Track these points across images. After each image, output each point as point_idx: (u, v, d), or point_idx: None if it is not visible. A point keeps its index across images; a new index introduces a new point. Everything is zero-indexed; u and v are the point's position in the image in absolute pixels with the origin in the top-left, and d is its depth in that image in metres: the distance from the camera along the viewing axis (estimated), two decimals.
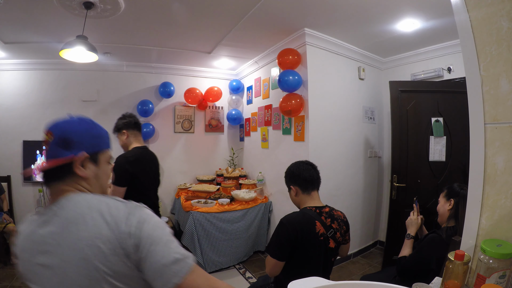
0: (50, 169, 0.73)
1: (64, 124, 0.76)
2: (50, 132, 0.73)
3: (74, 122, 0.78)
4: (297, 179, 1.52)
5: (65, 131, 0.74)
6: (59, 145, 0.73)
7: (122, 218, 0.68)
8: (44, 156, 0.75)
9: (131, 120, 2.00)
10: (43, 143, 0.76)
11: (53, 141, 0.73)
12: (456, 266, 0.81)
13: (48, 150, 0.73)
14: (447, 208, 1.59)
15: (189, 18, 2.52)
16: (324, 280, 0.56)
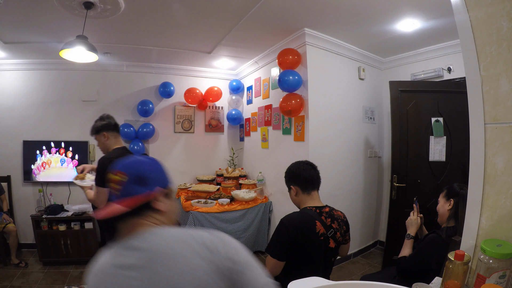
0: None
1: (134, 164, 0.79)
2: (121, 172, 0.76)
3: (142, 161, 0.81)
4: (297, 179, 1.52)
5: (138, 170, 0.78)
6: (135, 183, 0.76)
7: (218, 247, 0.71)
8: (115, 196, 0.76)
9: (111, 122, 1.99)
10: (111, 184, 0.77)
11: (127, 180, 0.75)
12: (456, 266, 0.81)
13: (121, 189, 0.75)
14: (447, 208, 1.59)
15: (189, 18, 2.52)
16: (324, 280, 0.56)
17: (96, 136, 1.98)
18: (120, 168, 0.77)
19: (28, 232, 3.39)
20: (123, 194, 0.75)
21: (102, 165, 1.82)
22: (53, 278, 2.87)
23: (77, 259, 3.20)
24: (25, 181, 3.53)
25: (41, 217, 3.13)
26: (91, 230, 3.25)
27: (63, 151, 3.59)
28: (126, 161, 0.80)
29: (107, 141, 1.96)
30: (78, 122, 3.70)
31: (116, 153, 1.92)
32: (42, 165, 3.53)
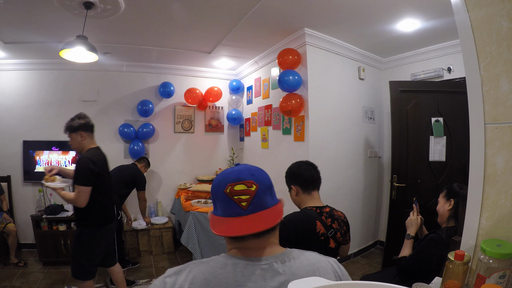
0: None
1: (259, 171, 0.73)
2: (250, 181, 0.68)
3: (258, 169, 0.75)
4: (297, 178, 1.52)
5: (266, 178, 0.72)
6: (267, 193, 0.70)
7: (343, 276, 0.71)
8: (240, 208, 0.67)
9: (88, 122, 2.01)
10: (236, 196, 0.67)
11: (260, 189, 0.68)
12: (456, 266, 0.81)
13: (253, 201, 0.67)
14: (447, 208, 1.59)
15: (189, 18, 2.52)
16: (324, 280, 0.56)
17: (71, 134, 1.98)
18: (248, 177, 0.69)
19: (28, 232, 3.39)
20: (255, 207, 0.67)
21: (84, 165, 1.84)
22: (53, 278, 2.87)
23: None
24: (25, 181, 3.53)
25: (41, 217, 3.13)
26: None
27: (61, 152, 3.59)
28: (248, 168, 0.72)
29: (83, 141, 1.97)
30: None
31: (95, 153, 1.95)
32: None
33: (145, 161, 3.41)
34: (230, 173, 0.71)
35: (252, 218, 0.67)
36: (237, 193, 0.68)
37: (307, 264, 0.68)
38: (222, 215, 0.69)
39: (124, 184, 2.99)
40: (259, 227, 0.65)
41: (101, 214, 1.98)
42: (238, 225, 0.66)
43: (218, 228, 0.67)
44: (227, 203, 0.68)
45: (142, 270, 3.17)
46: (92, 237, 1.97)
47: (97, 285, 2.78)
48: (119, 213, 2.87)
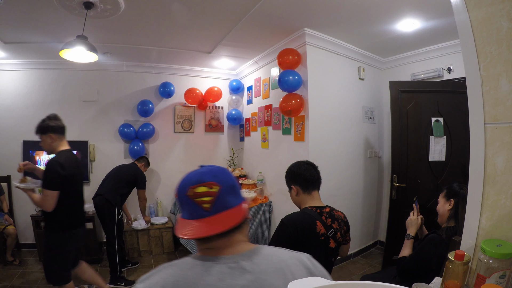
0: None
1: (222, 172, 0.72)
2: (212, 182, 0.68)
3: (224, 169, 0.75)
4: (298, 178, 1.52)
5: (229, 179, 0.72)
6: (230, 193, 0.70)
7: (315, 270, 0.73)
8: (203, 210, 0.68)
9: (59, 124, 1.98)
10: (198, 198, 0.68)
11: (222, 190, 0.69)
12: (456, 266, 0.81)
13: (215, 202, 0.68)
14: (447, 208, 1.59)
15: (189, 18, 2.52)
16: (324, 280, 0.56)
17: (42, 135, 1.95)
18: (210, 178, 0.69)
19: (28, 232, 3.39)
20: (218, 208, 0.68)
21: (52, 168, 1.81)
22: None
23: None
24: None
25: (41, 217, 3.13)
26: (91, 230, 3.25)
27: None
28: (211, 169, 0.72)
29: (53, 143, 1.94)
30: (78, 122, 3.70)
31: (64, 155, 1.92)
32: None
33: (145, 160, 3.42)
34: (192, 176, 0.71)
35: (215, 219, 0.67)
36: (199, 195, 0.68)
37: (277, 261, 0.69)
38: (187, 217, 0.70)
39: (125, 183, 2.99)
40: (221, 228, 0.66)
41: (69, 218, 1.95)
42: (202, 227, 0.66)
43: (182, 231, 0.68)
44: (191, 206, 0.69)
45: (142, 270, 3.17)
46: (61, 242, 1.94)
47: None
48: (120, 212, 2.87)
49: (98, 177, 3.74)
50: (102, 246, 3.57)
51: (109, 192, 2.84)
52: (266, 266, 0.67)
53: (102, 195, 2.82)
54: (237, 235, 0.72)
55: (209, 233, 0.66)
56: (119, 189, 2.92)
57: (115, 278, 2.76)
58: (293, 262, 0.71)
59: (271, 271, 0.67)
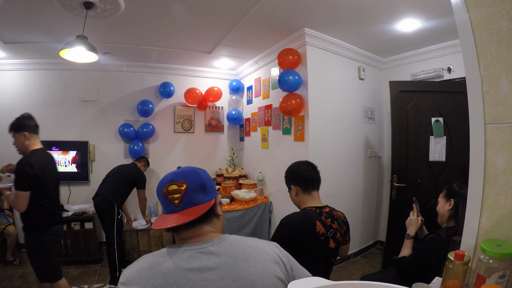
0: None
1: (192, 173, 0.81)
2: (181, 181, 0.78)
3: (196, 169, 0.84)
4: (297, 179, 1.52)
5: (198, 178, 0.80)
6: (198, 191, 0.79)
7: (276, 249, 0.82)
8: (173, 205, 0.77)
9: (32, 123, 1.97)
10: (170, 195, 0.77)
11: (190, 188, 0.77)
12: (456, 266, 0.81)
13: (183, 199, 0.77)
14: (447, 208, 1.59)
15: (189, 18, 2.52)
16: (324, 280, 0.56)
17: (15, 134, 1.93)
18: (180, 178, 0.78)
19: None
20: (186, 204, 0.77)
21: (21, 168, 1.81)
22: None
23: (77, 259, 3.20)
24: None
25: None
26: (91, 230, 3.25)
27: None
28: (182, 170, 0.81)
29: (26, 141, 1.93)
30: (78, 122, 3.70)
31: (35, 155, 1.91)
32: None
33: (144, 160, 3.41)
34: (167, 176, 0.81)
35: (183, 213, 0.76)
36: (171, 193, 0.78)
37: (244, 247, 0.78)
38: (164, 213, 0.80)
39: (125, 183, 2.99)
40: (184, 220, 0.74)
41: (45, 217, 1.94)
42: (170, 219, 0.75)
43: (156, 223, 0.77)
44: (165, 202, 0.79)
45: None
46: (43, 242, 1.93)
47: (97, 285, 2.78)
48: (120, 212, 2.87)
49: (98, 177, 3.74)
50: (102, 246, 3.57)
51: (109, 192, 2.84)
52: (233, 251, 0.76)
53: (102, 195, 2.82)
54: (206, 226, 0.80)
55: (174, 224, 0.74)
56: (119, 189, 2.92)
57: (115, 278, 2.76)
58: (261, 247, 0.80)
59: (237, 255, 0.75)
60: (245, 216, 3.23)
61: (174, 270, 0.71)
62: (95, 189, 2.99)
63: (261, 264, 0.76)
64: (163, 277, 0.70)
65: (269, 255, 0.79)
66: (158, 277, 0.70)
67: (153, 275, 0.70)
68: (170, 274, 0.70)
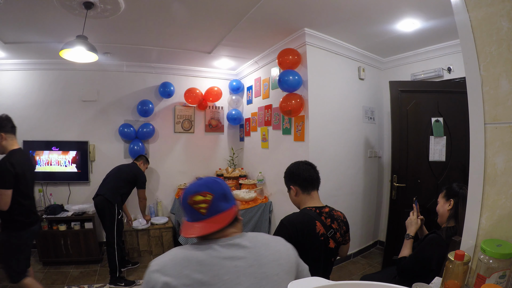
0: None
1: (214, 183, 0.90)
2: (206, 192, 0.87)
3: (217, 180, 0.93)
4: (297, 179, 1.52)
5: (220, 188, 0.90)
6: (221, 200, 0.88)
7: (283, 242, 0.96)
8: (200, 214, 0.86)
9: (9, 124, 1.99)
10: (196, 205, 0.86)
11: (215, 198, 0.87)
12: (456, 266, 0.81)
13: (209, 208, 0.86)
14: (447, 209, 1.59)
15: (189, 18, 2.52)
16: (324, 280, 0.56)
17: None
18: (204, 189, 0.87)
19: None
20: (211, 212, 0.86)
21: (3, 167, 1.84)
22: (53, 278, 2.87)
23: (77, 259, 3.20)
24: None
25: (41, 217, 3.13)
26: (91, 230, 3.25)
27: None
28: (205, 181, 0.90)
29: (3, 142, 1.95)
30: (78, 122, 3.70)
31: (15, 154, 1.94)
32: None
33: (143, 158, 3.41)
34: (191, 187, 0.89)
35: (211, 220, 0.86)
36: (197, 203, 0.86)
37: (262, 239, 0.91)
38: (189, 220, 0.89)
39: (125, 183, 2.99)
40: (216, 227, 0.85)
41: (26, 216, 1.98)
42: (200, 228, 0.85)
43: (187, 232, 0.86)
44: (191, 211, 0.88)
45: (142, 270, 3.17)
46: (21, 240, 1.97)
47: (97, 285, 2.78)
48: (120, 212, 2.87)
49: (98, 177, 3.74)
50: (102, 246, 3.57)
51: (110, 192, 2.84)
52: (255, 243, 0.88)
53: (102, 195, 2.82)
54: (231, 229, 0.90)
55: (207, 232, 0.84)
56: (119, 189, 2.92)
57: (115, 278, 2.77)
58: (274, 238, 0.96)
59: (260, 245, 0.88)
60: (245, 216, 3.23)
61: (209, 258, 0.81)
62: (95, 189, 2.99)
63: (279, 251, 0.90)
64: (199, 264, 0.79)
65: (283, 244, 0.94)
66: (194, 264, 0.79)
67: (189, 263, 0.79)
68: (206, 262, 0.80)
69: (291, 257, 0.92)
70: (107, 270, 2.90)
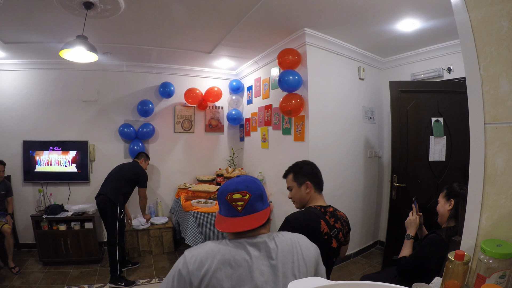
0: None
1: (253, 183, 0.95)
2: (245, 191, 0.92)
3: (255, 180, 0.97)
4: (314, 177, 1.57)
5: (258, 189, 0.94)
6: (257, 200, 0.93)
7: (307, 241, 1.00)
8: (235, 211, 0.91)
9: None
10: (234, 202, 0.91)
11: (252, 198, 0.92)
12: (456, 266, 0.81)
13: (246, 206, 0.91)
14: (447, 209, 1.59)
15: (189, 18, 2.52)
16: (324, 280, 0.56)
17: None
18: (244, 188, 0.92)
19: (28, 232, 3.39)
20: (248, 211, 0.91)
21: None
22: (53, 278, 2.87)
23: (77, 259, 3.20)
24: (25, 181, 3.53)
25: (41, 217, 3.13)
26: (91, 230, 3.25)
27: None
28: (244, 180, 0.95)
29: None
30: (78, 122, 3.71)
31: None
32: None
33: (144, 156, 3.39)
34: (231, 184, 0.95)
35: (245, 218, 0.91)
36: (235, 200, 0.92)
37: (288, 238, 0.95)
38: (224, 215, 0.94)
39: (126, 182, 2.98)
40: (250, 226, 0.90)
41: None
42: (235, 223, 0.91)
43: (220, 225, 0.92)
44: (228, 207, 0.93)
45: (142, 270, 3.17)
46: None
47: (97, 285, 2.78)
48: (122, 212, 2.88)
49: (98, 177, 3.74)
50: (102, 246, 3.57)
51: (112, 192, 2.84)
52: (281, 242, 0.93)
53: (105, 195, 2.82)
54: (262, 229, 0.94)
55: (241, 229, 0.90)
56: (121, 188, 2.92)
57: (115, 278, 2.77)
58: (297, 235, 1.00)
59: (286, 244, 0.93)
60: None
61: (243, 254, 0.87)
62: (95, 189, 2.99)
63: (301, 251, 0.94)
64: (231, 261, 0.85)
65: (305, 244, 0.98)
66: (226, 260, 0.85)
67: (222, 257, 0.85)
68: (237, 258, 0.85)
69: (311, 257, 0.95)
70: (107, 270, 2.90)
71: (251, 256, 0.87)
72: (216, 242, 0.90)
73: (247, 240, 0.89)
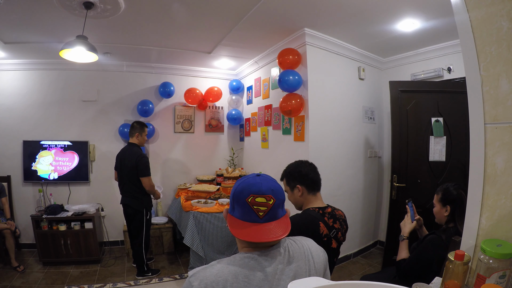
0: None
1: (279, 189, 0.86)
2: (270, 196, 0.82)
3: (279, 185, 0.88)
4: (305, 179, 1.50)
5: (282, 194, 0.87)
6: (279, 206, 0.85)
7: (317, 246, 0.96)
8: (256, 216, 0.81)
9: None
10: (257, 206, 0.81)
11: (276, 204, 0.83)
12: (456, 266, 0.81)
13: (268, 212, 0.82)
14: (444, 215, 1.57)
15: (189, 18, 2.52)
16: (324, 280, 0.56)
17: None
18: (269, 192, 0.82)
19: (28, 232, 3.39)
20: (270, 217, 0.82)
21: None
22: (53, 278, 2.87)
23: (77, 259, 3.20)
24: (25, 181, 3.53)
25: (41, 217, 3.13)
26: (91, 230, 3.25)
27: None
28: (270, 185, 0.84)
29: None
30: (78, 122, 3.70)
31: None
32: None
33: (136, 128, 2.91)
34: (253, 184, 0.83)
35: (266, 226, 0.81)
36: (257, 204, 0.81)
37: (300, 245, 0.91)
38: (240, 218, 0.83)
39: (136, 179, 2.80)
40: (274, 236, 0.80)
41: None
42: (256, 232, 0.80)
43: (238, 231, 0.81)
44: (247, 210, 0.82)
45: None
46: None
47: (97, 285, 2.78)
48: (147, 213, 2.95)
49: (98, 177, 3.75)
50: (102, 246, 3.57)
51: (134, 201, 2.87)
52: (295, 249, 0.88)
53: (130, 206, 2.87)
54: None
55: (265, 240, 0.79)
56: (138, 189, 2.84)
57: (142, 271, 2.92)
58: (308, 241, 0.96)
59: (300, 251, 0.89)
60: None
61: (258, 275, 0.78)
62: (95, 189, 2.99)
63: (316, 250, 0.93)
64: (260, 280, 0.78)
65: (316, 250, 0.94)
66: (242, 280, 0.76)
67: (235, 277, 0.76)
68: (253, 280, 0.77)
69: (320, 264, 0.92)
70: (107, 270, 2.91)
71: (267, 274, 0.79)
72: (224, 262, 0.80)
73: (261, 254, 0.81)
